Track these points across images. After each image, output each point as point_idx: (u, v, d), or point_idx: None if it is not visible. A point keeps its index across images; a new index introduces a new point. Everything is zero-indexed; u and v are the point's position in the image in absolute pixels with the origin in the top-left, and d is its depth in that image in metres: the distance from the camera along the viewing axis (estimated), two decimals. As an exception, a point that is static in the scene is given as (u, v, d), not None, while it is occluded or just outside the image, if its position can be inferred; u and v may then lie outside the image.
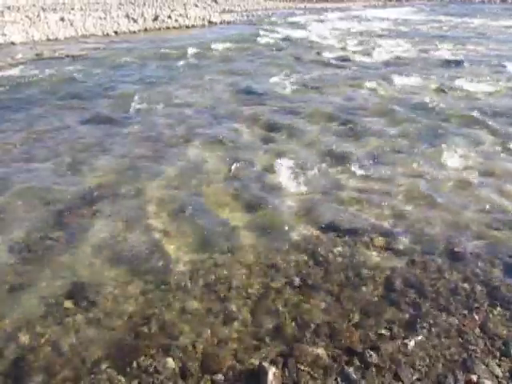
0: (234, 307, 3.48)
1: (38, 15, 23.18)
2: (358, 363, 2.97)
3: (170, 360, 2.99)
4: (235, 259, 4.06)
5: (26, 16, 22.76)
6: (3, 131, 7.33)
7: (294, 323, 3.32)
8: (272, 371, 2.83)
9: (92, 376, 2.88)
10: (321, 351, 3.05)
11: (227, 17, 29.43)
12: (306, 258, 4.09)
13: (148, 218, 4.75)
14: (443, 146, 6.61)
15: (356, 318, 3.38)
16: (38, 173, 5.78)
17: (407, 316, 3.41)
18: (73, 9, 27.82)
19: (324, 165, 6.02)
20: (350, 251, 4.18)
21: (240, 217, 4.76)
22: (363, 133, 7.23)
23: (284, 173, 5.74)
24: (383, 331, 3.25)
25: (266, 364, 2.90)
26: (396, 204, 5.04)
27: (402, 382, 2.84)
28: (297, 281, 3.77)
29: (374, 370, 2.92)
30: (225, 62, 13.70)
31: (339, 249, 4.21)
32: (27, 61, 13.61)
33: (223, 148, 6.62)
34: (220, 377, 2.88)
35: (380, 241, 4.34)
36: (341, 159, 6.16)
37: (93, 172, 5.83)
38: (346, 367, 2.94)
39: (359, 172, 5.79)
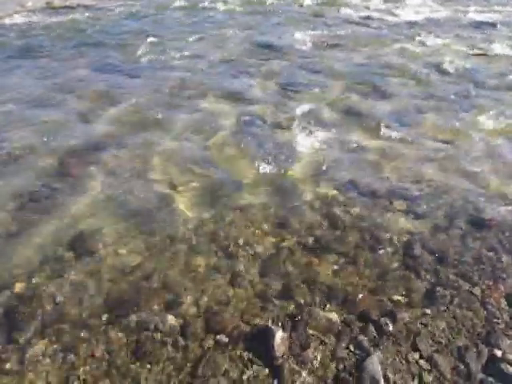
0: (241, 266, 3.27)
1: (51, -37, 22.28)
2: (372, 330, 2.76)
3: (171, 317, 2.83)
4: (245, 217, 3.83)
5: (38, -37, 21.91)
6: (11, 79, 7.07)
7: (304, 285, 3.10)
8: (279, 334, 2.64)
9: (88, 329, 2.73)
10: (333, 316, 2.84)
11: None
12: (320, 217, 3.83)
13: (155, 170, 4.53)
14: (471, 110, 6.15)
15: (372, 283, 3.15)
16: (44, 121, 5.54)
17: (427, 284, 3.18)
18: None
19: (344, 123, 5.65)
20: (368, 213, 3.90)
21: (252, 173, 4.48)
22: (387, 93, 6.76)
23: (301, 130, 5.38)
24: (400, 298, 3.03)
25: (273, 326, 2.72)
26: (419, 167, 4.70)
27: (420, 352, 2.64)
28: (310, 241, 3.53)
29: (389, 338, 2.72)
30: (242, 16, 12.99)
31: (356, 210, 3.93)
32: (37, 9, 13.07)
33: (237, 102, 6.25)
34: (224, 337, 2.70)
35: (400, 204, 4.05)
36: (361, 119, 5.77)
37: (101, 122, 5.57)
38: (359, 334, 2.73)
39: (381, 132, 5.40)
